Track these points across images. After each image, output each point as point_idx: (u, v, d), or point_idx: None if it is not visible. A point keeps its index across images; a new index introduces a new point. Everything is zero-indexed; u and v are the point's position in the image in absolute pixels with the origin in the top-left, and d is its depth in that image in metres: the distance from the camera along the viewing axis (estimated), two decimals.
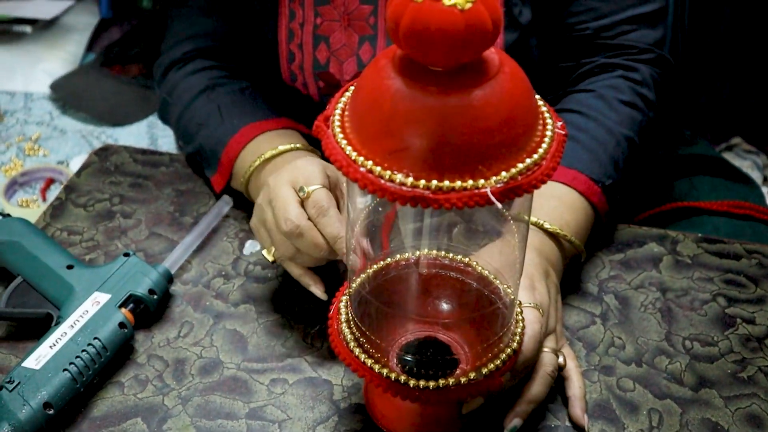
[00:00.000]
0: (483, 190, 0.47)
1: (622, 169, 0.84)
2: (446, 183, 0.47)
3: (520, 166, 0.48)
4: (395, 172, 0.47)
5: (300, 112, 0.96)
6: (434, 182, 0.47)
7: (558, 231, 0.77)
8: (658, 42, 0.91)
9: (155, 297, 0.77)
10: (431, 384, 0.58)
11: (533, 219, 0.77)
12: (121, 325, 0.73)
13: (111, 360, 0.72)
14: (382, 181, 0.47)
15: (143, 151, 1.01)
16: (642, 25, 0.90)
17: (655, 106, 0.89)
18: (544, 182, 0.49)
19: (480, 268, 0.65)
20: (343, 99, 0.53)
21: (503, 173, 0.47)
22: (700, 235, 0.88)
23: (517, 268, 0.62)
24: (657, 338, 0.76)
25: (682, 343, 0.76)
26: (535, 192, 0.79)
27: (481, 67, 0.48)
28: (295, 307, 0.79)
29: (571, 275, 0.81)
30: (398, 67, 0.48)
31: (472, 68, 0.47)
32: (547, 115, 0.52)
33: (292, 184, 0.74)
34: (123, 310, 0.74)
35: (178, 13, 0.99)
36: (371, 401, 0.69)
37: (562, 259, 0.79)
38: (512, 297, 0.62)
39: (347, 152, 0.49)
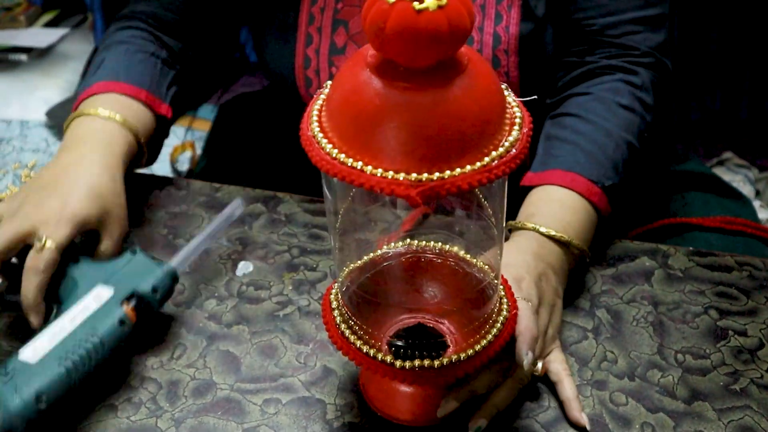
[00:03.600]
0: (464, 178, 0.49)
1: (623, 172, 0.85)
2: (425, 175, 0.49)
3: (494, 153, 0.50)
4: (376, 167, 0.49)
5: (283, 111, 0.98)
6: (414, 175, 0.49)
7: (554, 234, 0.77)
8: (659, 46, 0.93)
9: (158, 295, 0.76)
10: (425, 363, 0.60)
11: (530, 225, 0.78)
12: (121, 322, 0.72)
13: (105, 379, 0.72)
14: (365, 175, 0.49)
15: (136, 176, 1.01)
16: (646, 27, 0.92)
17: (653, 111, 0.90)
18: (518, 164, 0.51)
19: (461, 252, 0.67)
20: (319, 101, 0.55)
21: (477, 163, 0.49)
22: (691, 248, 0.89)
23: (497, 250, 0.63)
24: (649, 352, 0.76)
25: (674, 357, 0.76)
26: (536, 197, 0.83)
27: (452, 62, 0.50)
28: (288, 326, 0.79)
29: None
30: (373, 67, 0.50)
31: (444, 64, 0.49)
32: (513, 103, 0.54)
33: (29, 228, 0.75)
34: (125, 306, 0.73)
35: None
36: (368, 390, 0.70)
37: (567, 262, 0.79)
38: (494, 275, 0.64)
39: (328, 150, 0.51)
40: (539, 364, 0.71)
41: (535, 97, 0.59)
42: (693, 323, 0.79)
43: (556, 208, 0.80)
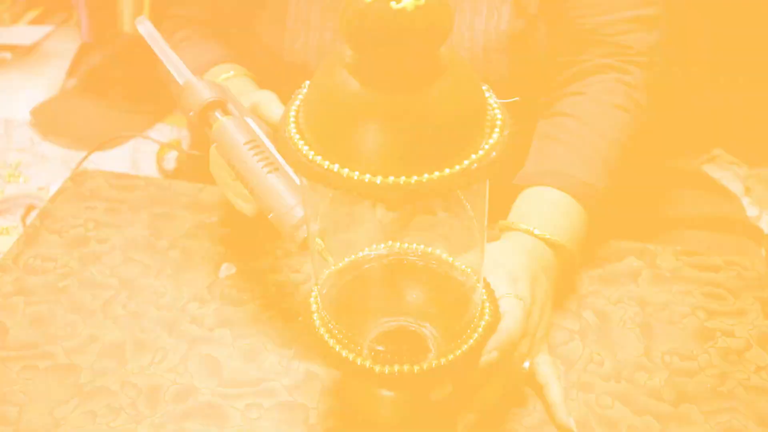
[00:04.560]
0: (443, 181, 0.48)
1: (615, 174, 0.85)
2: (403, 178, 0.48)
3: (474, 156, 0.49)
4: (354, 170, 0.48)
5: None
6: (392, 178, 0.47)
7: (548, 237, 0.77)
8: (653, 46, 0.92)
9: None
10: (405, 368, 0.59)
11: (524, 226, 0.78)
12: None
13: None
14: (342, 178, 0.48)
15: (119, 176, 1.00)
16: (640, 27, 0.91)
17: (646, 111, 0.90)
18: (499, 168, 0.50)
19: (444, 254, 0.66)
20: (296, 102, 0.54)
21: (457, 166, 0.48)
22: (679, 248, 0.88)
23: (478, 254, 0.62)
24: (636, 353, 0.75)
25: (661, 358, 0.75)
26: (529, 197, 0.82)
27: (432, 63, 0.49)
28: (271, 330, 0.78)
29: None
30: (351, 67, 0.49)
31: (423, 65, 0.48)
32: (494, 104, 0.53)
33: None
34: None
35: None
36: (350, 395, 0.70)
37: (558, 265, 0.79)
38: (475, 279, 0.63)
39: (304, 152, 0.50)
40: (527, 362, 0.70)
41: (517, 98, 0.57)
42: (680, 324, 0.78)
43: (549, 210, 0.80)
